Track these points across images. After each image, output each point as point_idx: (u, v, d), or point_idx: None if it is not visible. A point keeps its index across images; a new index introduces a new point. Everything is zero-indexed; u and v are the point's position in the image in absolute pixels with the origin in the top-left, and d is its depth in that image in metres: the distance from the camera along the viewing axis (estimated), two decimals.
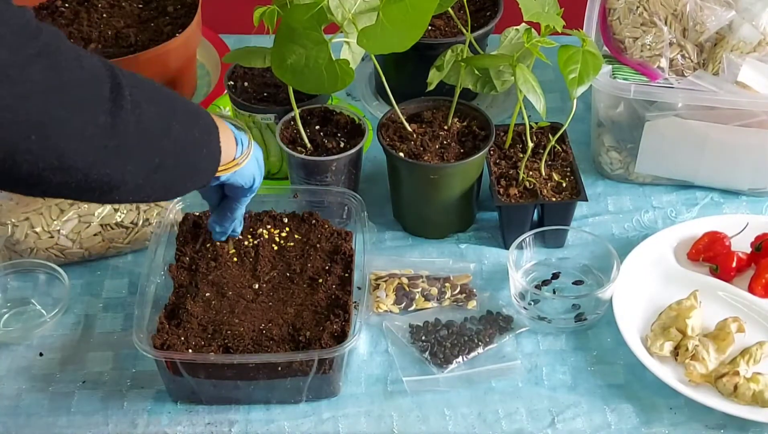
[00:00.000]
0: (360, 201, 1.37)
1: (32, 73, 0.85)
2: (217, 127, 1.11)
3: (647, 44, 1.46)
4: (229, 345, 1.21)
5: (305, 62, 1.27)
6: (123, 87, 0.93)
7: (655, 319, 1.32)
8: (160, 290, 1.29)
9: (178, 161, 1.03)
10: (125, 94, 0.93)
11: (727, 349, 1.27)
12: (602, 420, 1.23)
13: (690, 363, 1.25)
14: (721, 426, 1.21)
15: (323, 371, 1.21)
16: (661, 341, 1.28)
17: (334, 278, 1.30)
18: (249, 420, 1.23)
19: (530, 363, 1.29)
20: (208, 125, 1.09)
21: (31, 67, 0.85)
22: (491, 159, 1.46)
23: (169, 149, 1.01)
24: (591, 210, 1.51)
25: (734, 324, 1.29)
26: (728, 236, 1.41)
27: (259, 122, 1.48)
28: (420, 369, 1.28)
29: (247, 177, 1.20)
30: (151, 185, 1.01)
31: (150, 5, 1.70)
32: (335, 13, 1.27)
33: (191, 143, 1.05)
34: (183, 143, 1.03)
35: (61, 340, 1.33)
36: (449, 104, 1.45)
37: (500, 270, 1.40)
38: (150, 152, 0.98)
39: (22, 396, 1.26)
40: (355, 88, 1.72)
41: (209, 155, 1.10)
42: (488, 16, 1.62)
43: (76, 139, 0.89)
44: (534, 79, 1.33)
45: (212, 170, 1.12)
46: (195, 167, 1.08)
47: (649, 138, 1.48)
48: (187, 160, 1.05)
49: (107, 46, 1.59)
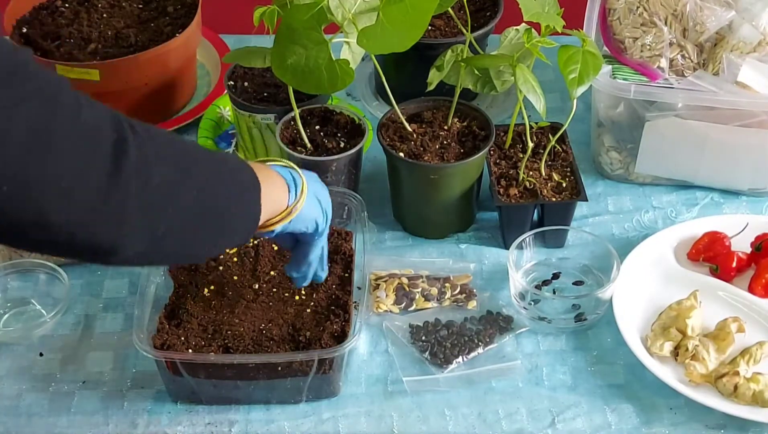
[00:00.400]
0: (360, 201, 1.37)
1: (14, 118, 0.76)
2: (259, 182, 1.01)
3: (647, 44, 1.46)
4: (229, 345, 1.21)
5: (305, 62, 1.27)
6: (129, 145, 0.83)
7: (655, 319, 1.32)
8: (160, 290, 1.29)
9: (192, 226, 0.93)
10: (130, 153, 0.83)
11: (727, 349, 1.27)
12: (602, 420, 1.23)
13: (690, 363, 1.25)
14: (721, 426, 1.21)
15: (323, 371, 1.21)
16: (661, 341, 1.28)
17: (334, 278, 1.30)
18: (249, 420, 1.23)
19: (530, 363, 1.29)
20: (243, 183, 0.99)
21: (14, 111, 0.76)
22: (491, 159, 1.46)
23: (179, 216, 0.90)
24: (591, 210, 1.51)
25: (734, 324, 1.29)
26: (728, 236, 1.41)
27: (259, 122, 1.48)
28: (420, 369, 1.28)
29: (308, 221, 1.12)
30: (158, 252, 0.92)
31: (150, 5, 1.70)
32: (335, 13, 1.27)
33: (212, 207, 0.95)
34: (201, 208, 0.93)
35: (62, 340, 1.33)
36: (449, 104, 1.45)
37: (500, 270, 1.40)
38: (153, 220, 0.88)
39: (23, 396, 1.26)
40: (355, 88, 1.72)
41: (244, 215, 1.00)
42: (488, 16, 1.62)
43: (61, 197, 0.80)
44: (534, 79, 1.33)
45: (249, 230, 1.02)
46: (221, 231, 0.97)
47: (649, 138, 1.48)
48: (206, 224, 0.95)
49: (107, 46, 1.59)
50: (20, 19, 1.66)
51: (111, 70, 1.54)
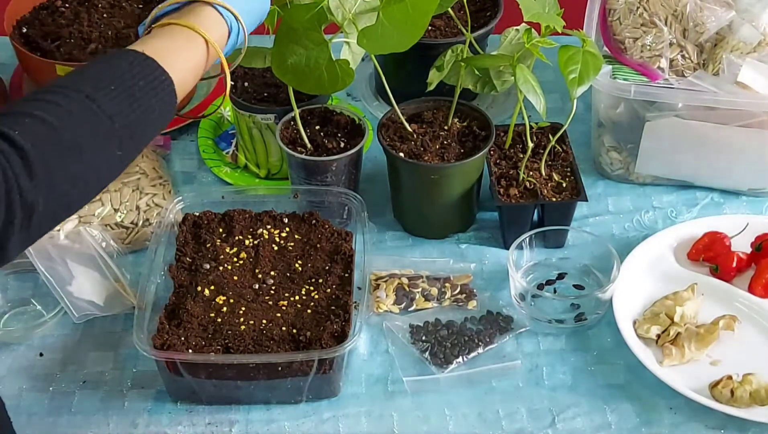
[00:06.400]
0: (360, 201, 1.37)
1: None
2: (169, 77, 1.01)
3: (647, 45, 1.46)
4: (229, 345, 1.21)
5: (305, 62, 1.27)
6: (15, 219, 0.87)
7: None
8: (160, 290, 1.29)
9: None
10: (15, 226, 0.87)
11: (710, 344, 1.28)
12: (602, 420, 1.23)
13: (668, 346, 1.26)
14: (721, 426, 1.21)
15: (323, 371, 1.21)
16: (649, 325, 1.29)
17: (335, 279, 1.30)
18: (249, 420, 1.23)
19: (530, 363, 1.29)
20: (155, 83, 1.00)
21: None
22: (491, 159, 1.46)
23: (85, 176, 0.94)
24: (591, 210, 1.51)
25: (722, 321, 1.29)
26: (728, 236, 1.41)
27: (260, 121, 1.48)
28: (420, 369, 1.28)
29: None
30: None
31: (150, 5, 1.70)
32: (335, 14, 1.27)
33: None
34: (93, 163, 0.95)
35: (62, 340, 1.33)
36: (449, 104, 1.45)
37: (500, 270, 1.41)
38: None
39: (23, 395, 1.26)
40: (355, 88, 1.72)
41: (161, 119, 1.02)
42: (488, 17, 1.62)
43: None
44: (534, 80, 1.33)
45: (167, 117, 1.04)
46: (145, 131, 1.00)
47: (649, 138, 1.48)
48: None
49: (107, 46, 1.59)
50: (20, 19, 1.66)
51: None
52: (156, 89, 0.99)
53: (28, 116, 0.90)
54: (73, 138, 0.91)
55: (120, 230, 1.41)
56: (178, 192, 1.49)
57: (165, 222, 1.36)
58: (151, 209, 1.43)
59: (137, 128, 0.97)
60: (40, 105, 0.91)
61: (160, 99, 1.00)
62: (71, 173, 0.91)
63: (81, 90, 0.94)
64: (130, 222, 1.42)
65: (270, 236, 1.36)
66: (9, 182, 0.86)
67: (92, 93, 0.94)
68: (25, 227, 0.88)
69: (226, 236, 1.36)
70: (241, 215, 1.38)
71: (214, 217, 1.38)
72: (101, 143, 0.94)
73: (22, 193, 0.86)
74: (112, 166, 0.97)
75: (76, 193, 0.93)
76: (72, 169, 0.91)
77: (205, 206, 1.40)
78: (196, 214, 1.39)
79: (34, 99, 0.92)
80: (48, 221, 0.92)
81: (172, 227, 1.37)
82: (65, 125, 0.91)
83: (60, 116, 0.91)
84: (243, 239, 1.35)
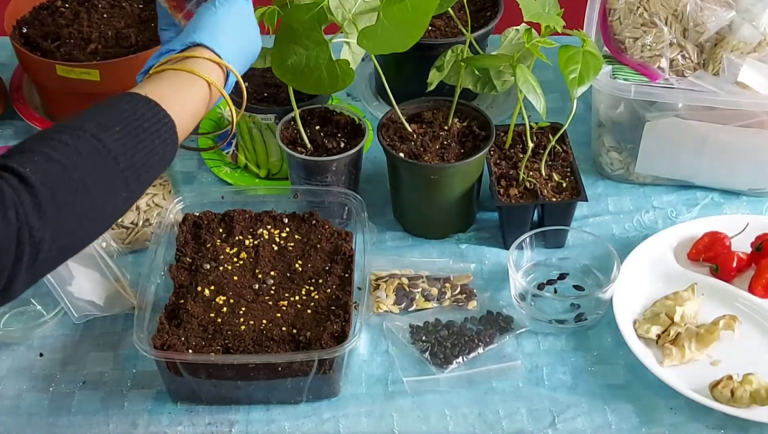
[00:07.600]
0: (360, 201, 1.37)
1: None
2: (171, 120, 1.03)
3: (647, 45, 1.46)
4: (229, 346, 1.21)
5: (305, 62, 1.27)
6: (22, 264, 0.88)
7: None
8: (160, 290, 1.29)
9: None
10: (22, 269, 0.89)
11: (710, 344, 1.28)
12: (602, 420, 1.23)
13: (668, 346, 1.26)
14: (721, 426, 1.21)
15: (323, 371, 1.21)
16: (649, 325, 1.29)
17: (335, 279, 1.30)
18: (249, 421, 1.23)
19: (531, 363, 1.29)
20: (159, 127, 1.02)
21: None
22: (491, 159, 1.46)
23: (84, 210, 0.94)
24: (591, 210, 1.51)
25: (722, 321, 1.29)
26: (728, 236, 1.41)
27: (260, 122, 1.48)
28: (420, 369, 1.28)
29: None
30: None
31: (150, 5, 1.70)
32: (335, 14, 1.27)
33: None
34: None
35: (62, 340, 1.33)
36: (449, 104, 1.45)
37: (500, 270, 1.40)
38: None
39: (23, 396, 1.26)
40: (355, 88, 1.72)
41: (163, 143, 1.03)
42: (488, 17, 1.62)
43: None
44: (534, 80, 1.33)
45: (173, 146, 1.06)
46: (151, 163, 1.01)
47: (649, 138, 1.48)
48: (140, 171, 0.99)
49: (107, 46, 1.59)
50: (20, 19, 1.66)
51: (111, 70, 1.54)
52: (159, 131, 1.01)
53: (38, 153, 0.91)
54: (80, 177, 0.92)
55: (120, 230, 1.41)
56: (178, 192, 1.49)
57: (165, 222, 1.36)
58: (151, 209, 1.43)
59: (141, 168, 0.99)
60: (49, 144, 0.92)
61: (163, 141, 1.02)
62: (78, 212, 0.92)
63: (87, 130, 0.95)
64: (130, 222, 1.42)
65: (270, 236, 1.36)
66: (20, 220, 0.87)
67: (98, 133, 0.95)
68: (31, 266, 0.89)
69: (226, 236, 1.36)
70: (241, 215, 1.38)
71: (214, 217, 1.38)
72: (107, 182, 0.95)
73: (32, 231, 0.88)
74: (117, 205, 0.98)
75: (81, 232, 0.94)
76: (79, 208, 0.92)
77: (205, 206, 1.40)
78: (196, 214, 1.39)
79: (43, 138, 0.94)
80: (53, 259, 0.92)
81: (172, 227, 1.37)
82: (73, 164, 0.92)
83: (68, 155, 0.92)
84: (243, 240, 1.35)
